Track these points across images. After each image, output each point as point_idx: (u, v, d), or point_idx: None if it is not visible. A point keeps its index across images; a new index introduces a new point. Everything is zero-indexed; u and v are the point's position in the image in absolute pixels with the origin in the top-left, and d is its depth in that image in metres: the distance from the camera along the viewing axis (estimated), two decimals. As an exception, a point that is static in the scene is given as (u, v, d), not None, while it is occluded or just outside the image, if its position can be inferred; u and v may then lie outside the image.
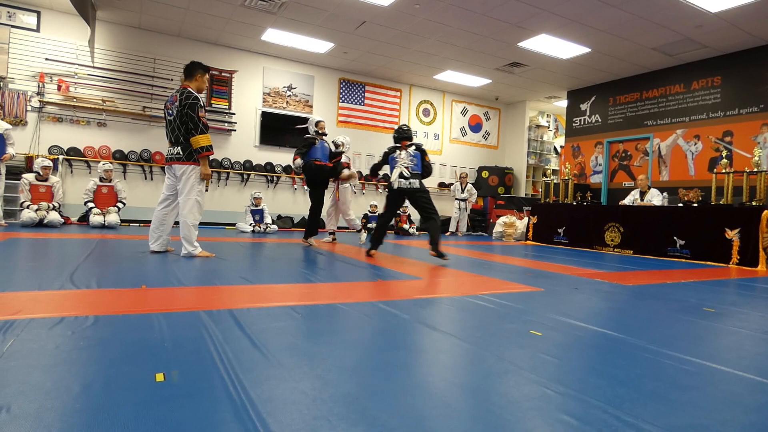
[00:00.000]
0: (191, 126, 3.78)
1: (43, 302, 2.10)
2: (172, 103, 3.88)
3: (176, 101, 3.81)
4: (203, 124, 3.81)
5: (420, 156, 4.58)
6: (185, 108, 3.76)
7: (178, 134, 3.85)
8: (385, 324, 2.06)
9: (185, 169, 3.86)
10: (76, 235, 5.42)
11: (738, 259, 5.24)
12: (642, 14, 6.16)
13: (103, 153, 7.42)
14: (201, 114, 3.80)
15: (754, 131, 7.12)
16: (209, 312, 2.05)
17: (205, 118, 3.86)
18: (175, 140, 3.89)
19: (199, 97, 3.85)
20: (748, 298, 3.34)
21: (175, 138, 3.88)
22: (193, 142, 3.79)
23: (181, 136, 3.83)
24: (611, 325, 2.21)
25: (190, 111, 3.75)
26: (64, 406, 1.10)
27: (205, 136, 3.82)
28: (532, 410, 1.21)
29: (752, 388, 1.47)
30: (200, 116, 3.80)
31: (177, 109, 3.80)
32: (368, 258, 4.51)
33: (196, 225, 3.93)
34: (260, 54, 8.67)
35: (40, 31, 7.05)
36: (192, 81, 3.93)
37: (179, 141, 3.86)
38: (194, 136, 3.78)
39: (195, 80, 3.94)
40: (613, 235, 6.57)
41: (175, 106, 3.82)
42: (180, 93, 3.83)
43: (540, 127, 11.62)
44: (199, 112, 3.79)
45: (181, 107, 3.78)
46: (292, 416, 1.10)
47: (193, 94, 3.83)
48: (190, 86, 3.90)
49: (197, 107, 3.78)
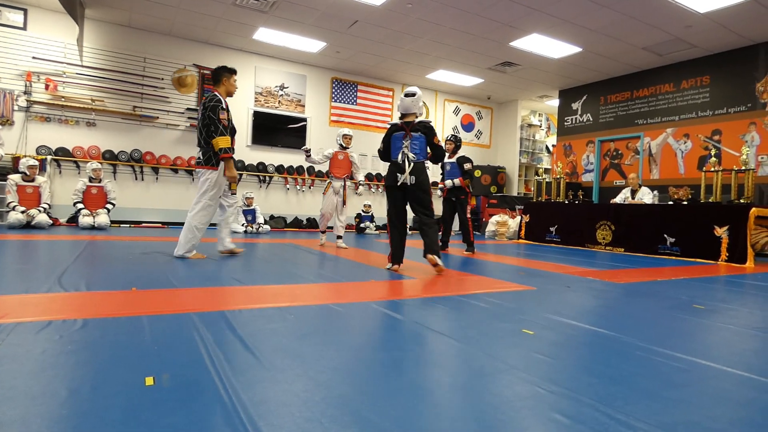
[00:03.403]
0: (212, 128, 3.81)
1: (30, 305, 2.07)
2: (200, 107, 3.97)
3: (201, 106, 3.89)
4: (223, 126, 3.81)
5: None
6: (207, 110, 3.81)
7: (199, 137, 3.92)
8: (378, 324, 2.06)
9: (202, 173, 3.92)
10: (64, 236, 5.36)
11: (727, 256, 5.29)
12: (632, 14, 6.21)
13: (92, 153, 7.34)
14: (222, 116, 3.81)
15: (742, 130, 7.21)
16: (200, 314, 2.03)
17: (226, 120, 3.85)
18: (198, 143, 3.97)
19: (222, 99, 3.88)
20: (737, 294, 3.37)
21: (197, 141, 3.97)
22: (214, 144, 3.82)
23: (202, 140, 3.89)
24: (603, 324, 2.23)
25: (211, 113, 3.79)
26: (51, 411, 1.08)
27: (225, 138, 3.81)
28: (524, 409, 1.21)
29: (741, 384, 1.48)
30: (221, 118, 3.80)
31: (201, 113, 3.87)
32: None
33: (202, 228, 3.93)
34: (252, 53, 8.62)
35: (27, 29, 6.95)
36: (220, 86, 3.96)
37: (200, 144, 3.93)
38: (214, 138, 3.80)
39: (222, 84, 3.96)
40: (605, 234, 6.61)
41: (200, 110, 3.90)
42: (207, 97, 3.89)
43: (532, 126, 11.68)
44: (220, 114, 3.80)
45: (204, 110, 3.83)
46: (284, 419, 1.09)
47: (216, 96, 3.86)
48: (219, 90, 3.94)
49: (218, 109, 3.80)
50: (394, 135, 3.87)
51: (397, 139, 3.85)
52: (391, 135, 3.89)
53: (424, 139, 3.81)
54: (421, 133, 3.80)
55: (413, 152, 3.79)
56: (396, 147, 3.85)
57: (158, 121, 7.85)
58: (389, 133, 3.93)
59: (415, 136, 3.79)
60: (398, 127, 3.88)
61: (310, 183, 9.20)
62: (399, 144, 3.83)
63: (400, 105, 3.89)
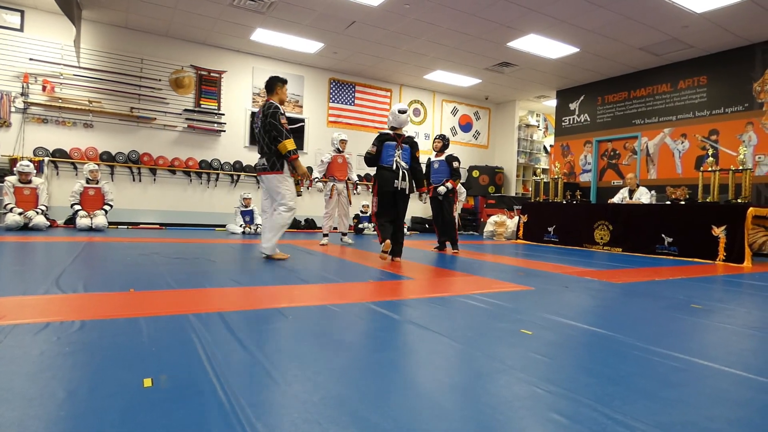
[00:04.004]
0: (275, 133, 4.02)
1: (27, 307, 2.06)
2: (257, 116, 4.17)
3: (261, 114, 4.11)
4: (286, 131, 4.04)
5: None
6: (267, 118, 4.03)
7: (263, 144, 4.13)
8: (376, 325, 2.06)
9: (272, 179, 4.13)
10: (62, 238, 5.34)
11: (724, 256, 5.31)
12: (629, 15, 6.23)
13: (89, 154, 7.32)
14: (283, 121, 4.04)
15: (739, 130, 7.23)
16: (198, 315, 2.03)
17: (287, 125, 4.08)
18: (261, 151, 4.17)
19: (279, 107, 4.11)
20: (735, 294, 3.38)
21: (260, 149, 4.17)
22: (280, 147, 4.03)
23: (266, 146, 4.10)
24: (601, 323, 2.23)
25: (273, 120, 4.01)
26: (49, 413, 1.08)
27: (290, 141, 4.05)
28: (522, 410, 1.22)
29: (739, 383, 1.49)
30: (282, 123, 4.03)
31: (261, 121, 4.09)
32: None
33: (284, 226, 4.19)
34: (249, 54, 8.61)
35: (23, 31, 6.93)
36: (273, 95, 4.19)
37: (264, 151, 4.13)
38: (280, 142, 4.01)
39: (276, 93, 4.19)
40: (603, 234, 6.62)
41: (260, 119, 4.11)
42: (263, 106, 4.12)
43: (530, 126, 11.69)
44: (282, 120, 4.04)
45: (264, 117, 4.05)
46: (282, 420, 1.09)
47: (274, 104, 4.09)
48: (273, 99, 4.17)
49: (278, 115, 4.03)
50: (386, 143, 4.35)
51: (390, 147, 4.35)
52: (383, 143, 4.35)
53: (410, 151, 4.43)
54: (408, 146, 4.43)
55: (405, 161, 4.37)
56: (388, 155, 4.34)
57: (156, 123, 7.83)
58: (381, 140, 4.38)
59: (405, 148, 4.41)
60: (390, 137, 4.38)
61: (307, 184, 9.19)
62: (392, 152, 4.34)
63: (395, 120, 4.40)
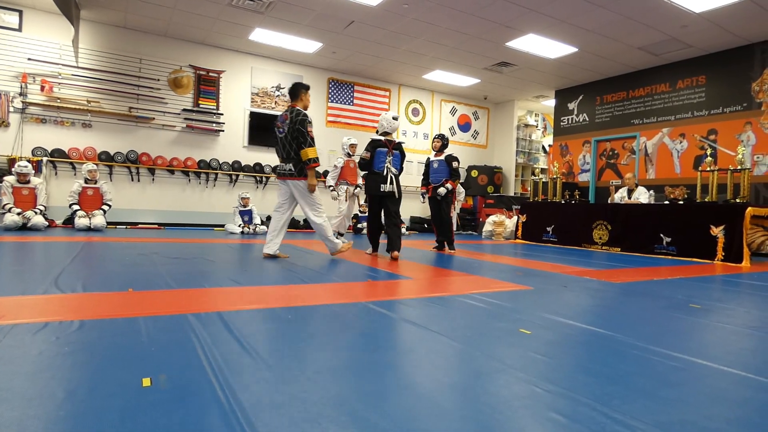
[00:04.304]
0: (301, 140, 4.07)
1: (26, 307, 2.06)
2: (282, 121, 4.20)
3: (287, 119, 4.14)
4: (311, 138, 4.11)
5: None
6: (296, 125, 4.08)
7: (289, 150, 4.16)
8: (375, 324, 2.06)
9: (299, 185, 4.19)
10: (61, 238, 5.34)
11: (723, 256, 5.32)
12: (628, 14, 6.23)
13: (88, 154, 7.31)
14: (310, 129, 4.11)
15: (737, 129, 7.24)
16: (197, 315, 2.03)
17: (312, 133, 4.14)
18: (287, 156, 4.20)
19: (307, 114, 4.18)
20: (733, 294, 3.39)
21: (287, 154, 4.19)
22: (303, 154, 4.08)
23: (292, 152, 4.14)
24: (600, 323, 2.23)
25: (301, 127, 4.07)
26: (48, 413, 1.08)
27: (313, 149, 4.10)
28: (522, 409, 1.22)
29: (737, 382, 1.49)
30: (309, 131, 4.09)
31: (288, 127, 4.12)
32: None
33: (328, 225, 4.33)
34: (248, 54, 8.60)
35: (22, 31, 6.92)
36: (298, 101, 4.24)
37: (290, 157, 4.17)
38: (303, 149, 4.07)
39: (300, 99, 4.25)
40: (601, 233, 6.63)
41: (287, 124, 4.14)
42: (290, 112, 4.15)
43: (528, 126, 11.70)
44: (309, 128, 4.10)
45: (292, 124, 4.09)
46: (281, 420, 1.09)
47: (302, 111, 4.15)
48: (297, 105, 4.21)
49: (307, 123, 4.09)
50: (378, 150, 4.58)
51: (381, 153, 4.59)
52: (376, 149, 4.58)
53: (400, 157, 4.71)
54: (399, 152, 4.70)
55: (394, 166, 4.65)
56: (380, 161, 4.58)
57: (154, 122, 7.82)
58: (374, 147, 4.60)
59: (396, 154, 4.67)
60: (381, 143, 4.60)
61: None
62: (383, 158, 4.59)
63: (390, 126, 4.66)
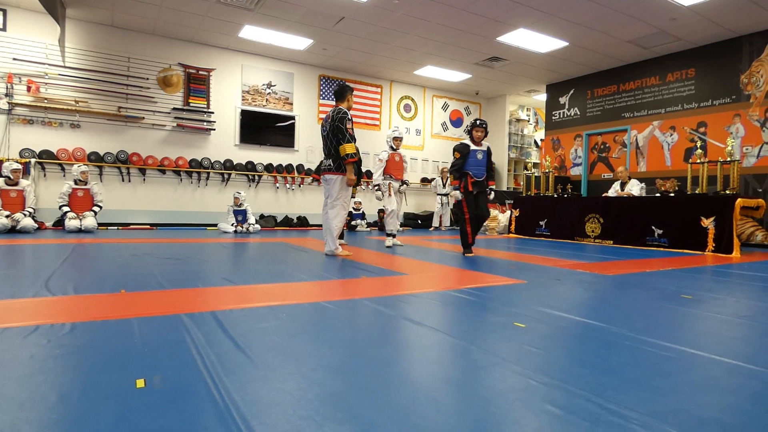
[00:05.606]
0: (340, 137, 4.25)
1: (16, 310, 2.04)
2: (326, 121, 4.42)
3: (329, 119, 4.36)
4: (350, 135, 4.28)
5: None
6: (335, 122, 4.28)
7: (330, 147, 4.37)
8: (370, 321, 2.06)
9: (334, 179, 4.38)
10: (51, 240, 5.28)
11: (713, 247, 5.38)
12: (617, 8, 6.26)
13: (77, 155, 7.23)
14: (348, 126, 4.28)
15: (726, 122, 7.31)
16: (191, 315, 2.02)
17: (352, 130, 4.32)
18: (328, 153, 4.42)
19: (348, 113, 4.36)
20: (724, 284, 3.43)
21: (328, 151, 4.41)
22: (341, 150, 4.26)
23: (332, 149, 4.34)
24: (593, 315, 2.25)
25: (340, 124, 4.26)
26: (41, 417, 1.07)
27: (351, 145, 4.26)
28: (517, 401, 1.22)
29: (729, 371, 1.51)
30: (347, 128, 4.27)
31: (330, 125, 4.33)
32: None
33: (339, 226, 4.45)
34: (238, 51, 8.54)
35: (6, 30, 6.81)
36: (343, 102, 4.46)
37: (330, 153, 4.37)
38: (342, 144, 4.24)
39: (346, 100, 4.47)
40: (594, 226, 6.68)
41: (329, 123, 4.35)
42: (333, 111, 4.38)
43: (520, 120, 11.73)
44: (347, 125, 4.27)
45: (333, 122, 4.30)
46: (277, 417, 1.09)
47: (342, 110, 4.35)
48: (342, 105, 4.43)
49: (346, 120, 4.28)
50: None
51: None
52: None
53: None
54: None
55: None
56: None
57: (144, 122, 7.75)
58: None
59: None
60: None
61: (299, 181, 9.17)
62: None
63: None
